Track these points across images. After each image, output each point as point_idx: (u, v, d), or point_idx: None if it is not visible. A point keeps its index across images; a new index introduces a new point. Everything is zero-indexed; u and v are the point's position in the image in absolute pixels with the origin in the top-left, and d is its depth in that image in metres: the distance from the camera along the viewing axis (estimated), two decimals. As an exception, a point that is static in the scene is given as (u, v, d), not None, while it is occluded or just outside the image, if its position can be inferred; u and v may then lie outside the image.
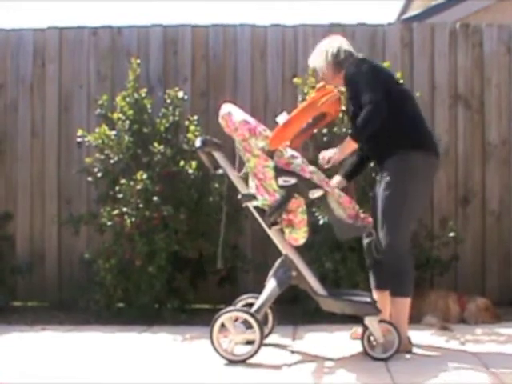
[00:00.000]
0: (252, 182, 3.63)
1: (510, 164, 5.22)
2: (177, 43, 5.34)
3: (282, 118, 3.55)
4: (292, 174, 3.52)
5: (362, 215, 3.61)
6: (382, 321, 3.59)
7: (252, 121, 3.58)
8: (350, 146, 3.68)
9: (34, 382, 3.22)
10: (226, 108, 3.63)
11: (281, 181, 3.51)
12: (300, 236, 3.64)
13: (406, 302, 3.65)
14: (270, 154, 3.54)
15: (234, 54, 5.32)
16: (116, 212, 4.60)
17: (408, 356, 3.61)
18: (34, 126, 5.38)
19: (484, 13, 6.64)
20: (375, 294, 3.80)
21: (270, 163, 3.52)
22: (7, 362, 3.62)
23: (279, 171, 3.51)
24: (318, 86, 3.79)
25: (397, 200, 3.62)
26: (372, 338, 3.58)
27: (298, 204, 3.60)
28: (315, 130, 4.50)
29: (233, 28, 5.32)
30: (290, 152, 3.66)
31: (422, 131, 3.70)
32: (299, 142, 3.77)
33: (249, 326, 3.52)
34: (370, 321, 3.55)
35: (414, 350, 3.70)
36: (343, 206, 3.56)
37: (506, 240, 5.19)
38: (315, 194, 3.50)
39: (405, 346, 3.62)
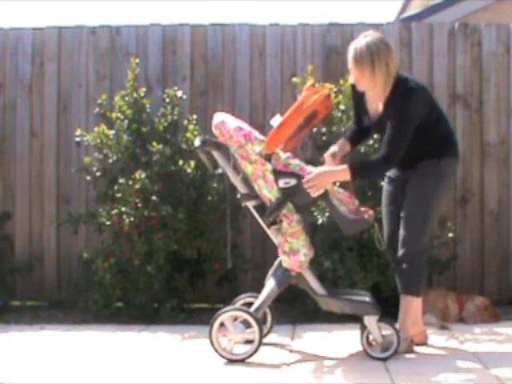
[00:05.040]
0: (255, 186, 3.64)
1: (509, 164, 5.22)
2: (175, 43, 5.34)
3: (276, 121, 3.55)
4: (292, 174, 3.53)
5: (362, 209, 3.61)
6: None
7: (246, 127, 3.60)
8: (344, 175, 3.52)
9: (33, 381, 3.22)
10: (219, 117, 3.65)
11: (281, 183, 3.51)
12: (300, 245, 3.59)
13: (414, 302, 3.64)
14: (268, 158, 3.55)
15: (232, 53, 5.32)
16: (115, 211, 4.60)
17: (407, 356, 3.60)
18: (32, 126, 5.37)
19: (483, 12, 6.65)
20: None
21: (269, 167, 3.53)
22: (6, 361, 3.62)
23: (278, 174, 3.52)
24: (307, 85, 3.81)
25: (425, 203, 3.61)
26: (371, 338, 3.58)
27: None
28: (312, 130, 4.52)
29: (231, 27, 5.32)
30: (286, 153, 3.66)
31: (452, 141, 3.71)
32: (293, 145, 3.75)
33: (248, 326, 3.52)
34: (369, 320, 3.55)
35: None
36: (344, 202, 3.57)
37: (505, 239, 5.19)
38: (317, 192, 3.50)
39: (407, 347, 3.60)
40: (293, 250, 3.58)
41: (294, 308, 4.64)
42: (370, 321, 3.54)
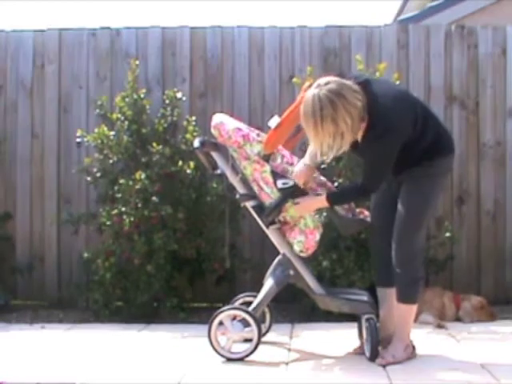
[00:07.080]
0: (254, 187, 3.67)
1: (505, 164, 5.26)
2: (175, 44, 5.37)
3: (273, 122, 3.57)
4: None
5: (357, 210, 3.63)
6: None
7: (245, 128, 3.63)
8: (323, 203, 3.50)
9: (33, 381, 3.24)
10: (218, 118, 3.67)
11: (280, 184, 3.54)
12: (318, 223, 3.61)
13: (412, 309, 3.53)
14: (266, 158, 3.58)
15: (231, 55, 5.35)
16: (115, 212, 4.63)
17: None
18: (33, 127, 5.40)
19: (479, 14, 6.68)
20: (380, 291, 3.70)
21: (267, 168, 3.56)
22: (7, 360, 3.65)
23: (277, 174, 3.55)
24: (305, 85, 3.81)
25: (422, 204, 3.47)
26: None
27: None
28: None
29: (230, 29, 5.36)
30: (285, 155, 3.70)
31: (443, 142, 3.51)
32: (291, 146, 3.77)
33: (246, 325, 3.55)
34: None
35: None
36: None
37: (501, 239, 5.23)
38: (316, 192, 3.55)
39: (410, 353, 3.52)
40: (308, 227, 3.57)
41: (293, 307, 4.67)
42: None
